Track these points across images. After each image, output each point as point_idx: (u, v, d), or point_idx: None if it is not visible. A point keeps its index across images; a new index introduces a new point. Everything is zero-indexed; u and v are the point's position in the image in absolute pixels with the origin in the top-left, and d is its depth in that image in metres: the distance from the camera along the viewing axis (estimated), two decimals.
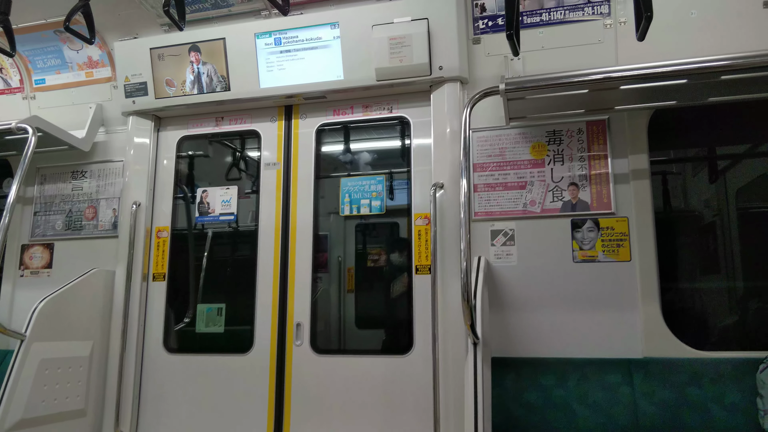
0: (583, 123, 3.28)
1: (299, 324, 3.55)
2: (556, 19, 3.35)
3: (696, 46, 3.07)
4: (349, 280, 3.84)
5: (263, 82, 3.70)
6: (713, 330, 3.46)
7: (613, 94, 2.96)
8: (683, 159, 3.75)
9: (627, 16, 3.18)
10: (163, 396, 3.72)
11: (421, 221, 3.47)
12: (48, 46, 4.18)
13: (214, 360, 3.68)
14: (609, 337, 3.06)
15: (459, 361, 3.05)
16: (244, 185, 3.98)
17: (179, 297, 3.92)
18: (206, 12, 3.81)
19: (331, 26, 3.56)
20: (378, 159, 3.87)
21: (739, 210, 3.58)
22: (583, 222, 3.19)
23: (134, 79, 3.92)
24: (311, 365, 3.50)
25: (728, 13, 3.11)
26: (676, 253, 3.55)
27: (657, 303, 3.02)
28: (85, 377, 3.57)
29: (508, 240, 3.29)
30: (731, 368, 2.87)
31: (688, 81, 2.73)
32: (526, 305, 3.20)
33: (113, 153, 4.13)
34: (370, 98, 3.71)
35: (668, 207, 3.68)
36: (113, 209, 4.02)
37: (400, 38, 3.39)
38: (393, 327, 3.69)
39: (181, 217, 4.02)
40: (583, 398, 2.97)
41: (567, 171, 3.26)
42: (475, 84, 3.45)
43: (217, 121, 4.01)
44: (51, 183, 4.23)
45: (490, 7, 3.45)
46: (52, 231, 4.14)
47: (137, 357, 3.74)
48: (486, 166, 3.40)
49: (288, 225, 3.71)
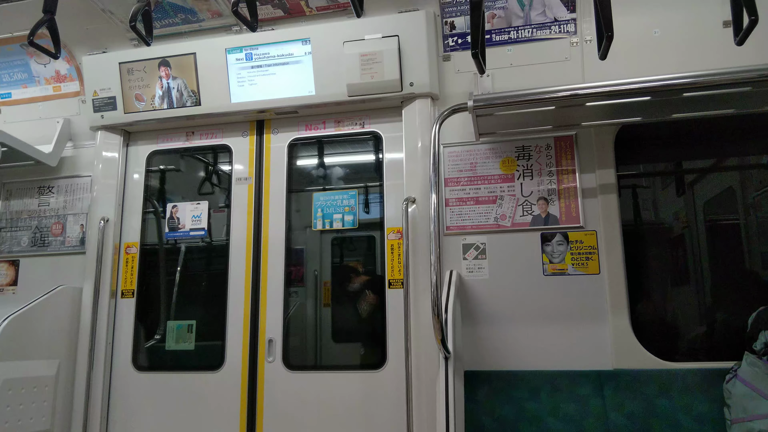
0: (551, 138, 3.33)
1: (271, 340, 3.52)
2: (523, 37, 3.41)
3: (659, 64, 3.15)
4: (326, 294, 3.81)
5: (234, 97, 3.69)
6: (682, 341, 3.50)
7: (579, 110, 3.02)
8: (650, 173, 3.82)
9: (593, 34, 3.23)
10: (132, 415, 3.63)
11: (393, 235, 3.48)
12: (14, 60, 4.11)
13: (184, 378, 3.61)
14: (579, 350, 3.09)
15: (432, 376, 3.03)
16: (216, 200, 3.95)
17: (149, 314, 3.84)
18: (176, 27, 3.79)
19: (302, 42, 3.57)
20: (351, 174, 3.87)
21: (707, 222, 3.64)
22: (553, 236, 3.22)
23: (103, 94, 3.88)
24: (283, 382, 3.46)
25: (690, 33, 3.20)
26: (644, 266, 3.60)
27: (626, 315, 3.06)
28: (51, 397, 3.47)
29: (480, 254, 3.31)
30: (699, 379, 2.92)
31: (651, 98, 2.80)
32: (498, 318, 3.22)
33: (81, 168, 4.06)
34: (342, 113, 3.71)
35: (637, 220, 3.73)
36: (81, 225, 3.95)
37: (371, 54, 3.41)
38: (367, 342, 3.67)
39: (151, 233, 3.96)
40: (554, 411, 2.99)
41: (536, 185, 3.30)
42: (445, 100, 3.49)
43: (187, 136, 3.98)
44: (17, 198, 4.14)
45: (459, 26, 3.49)
46: (17, 247, 4.04)
47: (105, 376, 3.65)
48: (457, 181, 3.42)
49: (260, 240, 3.68)
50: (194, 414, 3.53)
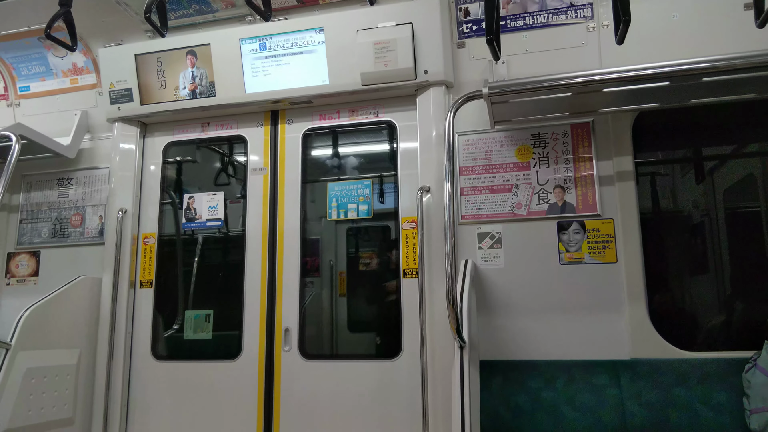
0: (567, 126, 3.29)
1: (287, 329, 3.54)
2: (539, 23, 3.36)
3: (679, 48, 3.09)
4: (341, 284, 3.82)
5: (249, 88, 3.70)
6: (700, 330, 3.46)
7: (596, 96, 2.98)
8: (668, 161, 3.76)
9: (610, 19, 3.18)
10: (152, 403, 3.69)
11: (408, 225, 3.47)
12: (32, 53, 4.16)
13: (202, 367, 3.66)
14: (596, 339, 3.07)
15: (447, 365, 3.03)
16: (232, 191, 3.97)
17: (167, 304, 3.89)
18: (191, 18, 3.80)
19: (316, 31, 3.56)
20: (365, 163, 3.86)
21: (726, 210, 3.58)
22: (569, 224, 3.19)
23: (119, 86, 3.91)
24: (300, 371, 3.49)
25: (710, 16, 3.13)
26: (662, 254, 3.56)
27: (643, 304, 3.04)
28: (72, 386, 3.54)
29: (495, 243, 3.29)
30: (718, 368, 2.89)
31: (670, 83, 2.75)
32: (513, 308, 3.21)
33: (99, 160, 4.11)
34: (356, 103, 3.70)
35: (655, 208, 3.69)
36: (99, 216, 4.00)
37: (384, 43, 3.39)
38: (382, 331, 3.68)
39: (168, 224, 4.00)
40: (570, 400, 2.98)
41: (552, 173, 3.27)
42: (460, 88, 3.46)
43: (203, 127, 4.00)
44: (37, 190, 4.21)
45: (474, 12, 3.46)
46: (38, 238, 4.11)
47: (125, 365, 3.72)
48: (472, 169, 3.40)
49: (275, 230, 3.70)
50: (212, 402, 3.58)
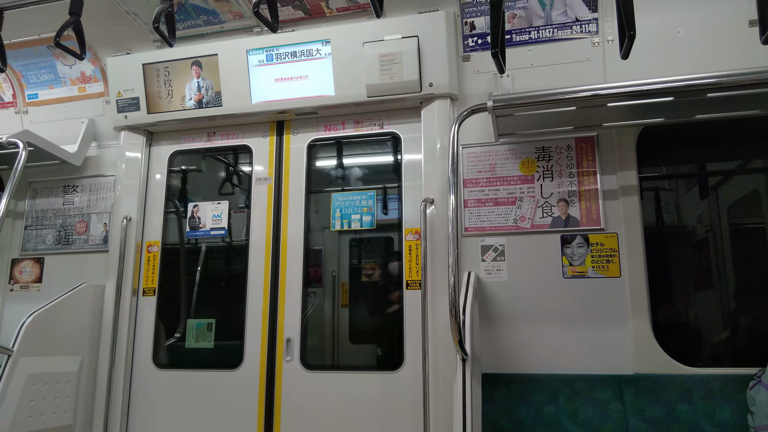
0: (572, 139, 3.30)
1: (289, 339, 3.54)
2: (544, 37, 3.38)
3: (683, 63, 3.10)
4: (343, 294, 3.82)
5: (255, 98, 3.72)
6: (704, 346, 3.44)
7: (601, 111, 2.99)
8: (672, 176, 3.76)
9: (615, 34, 3.21)
10: (152, 412, 3.68)
11: (411, 236, 3.48)
12: (41, 61, 4.20)
13: (203, 375, 3.65)
14: (599, 353, 3.05)
15: (449, 377, 3.02)
16: (237, 200, 3.98)
17: (169, 312, 3.89)
18: (199, 29, 3.83)
19: (322, 43, 3.59)
20: (369, 174, 3.87)
21: (731, 226, 3.58)
22: (573, 238, 3.19)
23: (126, 95, 3.94)
24: (301, 381, 3.47)
25: (715, 32, 3.14)
26: (666, 269, 3.55)
27: (647, 319, 3.02)
28: (74, 392, 3.54)
29: (498, 255, 3.29)
30: (722, 385, 2.86)
31: (674, 98, 2.75)
32: (516, 321, 3.19)
33: (105, 167, 4.13)
34: (361, 114, 3.72)
35: (659, 223, 3.68)
36: (104, 224, 4.02)
37: (390, 55, 3.42)
38: (384, 343, 3.67)
39: (172, 232, 4.02)
40: (573, 415, 2.96)
41: (556, 187, 3.27)
42: (464, 100, 3.48)
43: (209, 136, 4.02)
44: (42, 197, 4.23)
45: (480, 26, 3.48)
46: (42, 245, 4.13)
47: (126, 372, 3.71)
48: (476, 182, 3.41)
49: (279, 240, 3.71)
50: (213, 411, 3.57)
